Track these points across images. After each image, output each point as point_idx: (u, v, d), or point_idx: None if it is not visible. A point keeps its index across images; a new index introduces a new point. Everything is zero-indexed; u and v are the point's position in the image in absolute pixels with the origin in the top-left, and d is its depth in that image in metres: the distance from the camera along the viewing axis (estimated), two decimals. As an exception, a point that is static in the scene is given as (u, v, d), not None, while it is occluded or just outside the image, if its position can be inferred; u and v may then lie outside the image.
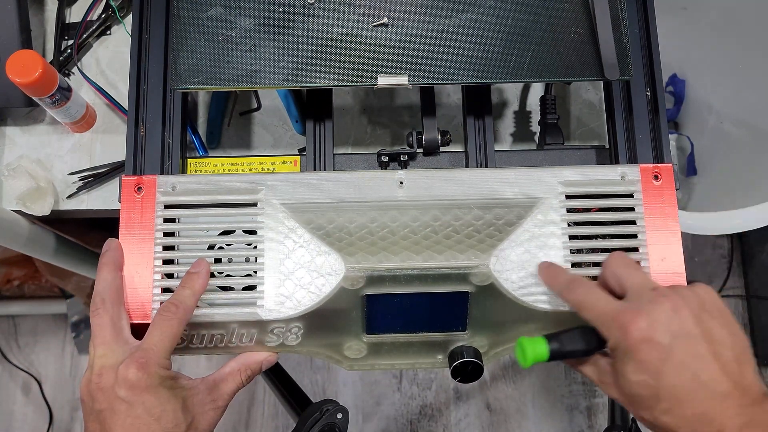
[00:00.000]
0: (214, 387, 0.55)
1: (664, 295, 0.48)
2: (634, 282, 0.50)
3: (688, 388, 0.45)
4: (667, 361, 0.46)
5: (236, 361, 0.57)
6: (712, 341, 0.46)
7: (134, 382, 0.49)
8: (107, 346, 0.52)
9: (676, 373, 0.45)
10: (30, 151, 0.75)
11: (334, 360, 0.61)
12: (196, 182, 0.59)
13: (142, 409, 0.49)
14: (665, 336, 0.46)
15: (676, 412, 0.45)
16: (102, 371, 0.51)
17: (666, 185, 0.60)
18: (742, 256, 1.65)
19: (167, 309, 0.53)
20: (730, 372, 0.46)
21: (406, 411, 1.52)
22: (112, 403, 0.50)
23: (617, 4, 0.60)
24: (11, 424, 1.50)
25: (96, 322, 0.53)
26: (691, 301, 0.48)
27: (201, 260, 0.57)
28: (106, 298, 0.54)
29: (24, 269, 1.41)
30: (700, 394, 0.45)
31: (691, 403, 0.45)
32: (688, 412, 0.45)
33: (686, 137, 1.36)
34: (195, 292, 0.55)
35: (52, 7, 0.79)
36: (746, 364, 0.47)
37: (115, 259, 0.57)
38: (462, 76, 0.59)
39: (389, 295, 0.57)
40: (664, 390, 0.45)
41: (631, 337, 0.46)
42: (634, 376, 0.46)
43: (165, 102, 0.63)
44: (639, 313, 0.47)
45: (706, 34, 1.28)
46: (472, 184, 0.59)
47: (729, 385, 0.45)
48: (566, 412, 1.52)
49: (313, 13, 0.59)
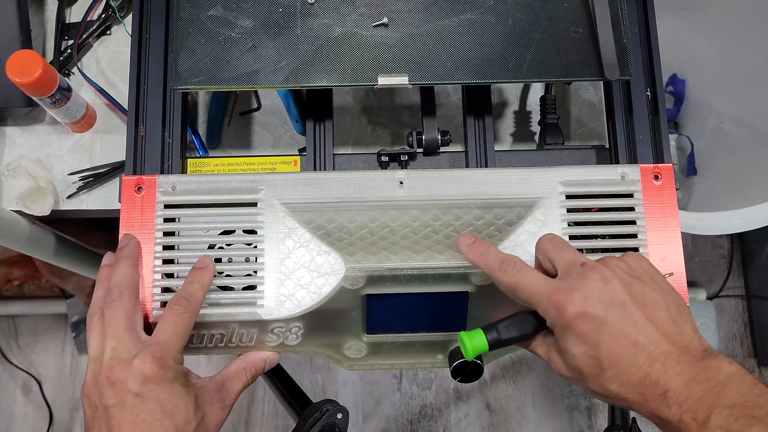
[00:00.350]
0: (222, 386, 0.54)
1: (592, 268, 0.49)
2: (564, 259, 0.52)
3: (628, 354, 0.46)
4: (603, 331, 0.47)
5: (241, 360, 0.57)
6: (644, 305, 0.48)
7: (150, 376, 0.49)
8: (119, 339, 0.51)
9: (614, 341, 0.46)
10: (30, 151, 0.75)
11: (335, 360, 0.61)
12: (197, 182, 0.59)
13: (155, 405, 0.48)
14: (598, 307, 0.47)
15: (622, 379, 0.46)
16: (113, 365, 0.50)
17: (666, 185, 0.60)
18: (742, 256, 1.65)
19: (178, 303, 0.53)
20: (667, 332, 0.47)
21: (406, 411, 1.52)
22: (123, 398, 0.49)
23: (617, 4, 0.60)
24: (11, 424, 1.50)
25: (110, 313, 0.52)
26: (620, 270, 0.49)
27: (205, 257, 0.57)
28: (124, 291, 0.54)
29: (24, 269, 1.41)
30: (641, 358, 0.46)
31: (633, 368, 0.46)
32: (633, 378, 0.46)
33: (686, 137, 1.36)
34: (203, 286, 0.55)
35: (52, 7, 0.79)
36: (683, 324, 0.48)
37: (133, 254, 0.56)
38: (462, 76, 0.59)
39: (389, 294, 0.57)
40: (606, 359, 0.46)
41: (567, 314, 0.47)
42: (575, 350, 0.48)
43: (165, 102, 0.63)
44: (571, 290, 0.48)
45: (706, 34, 1.28)
46: (472, 184, 0.59)
47: (668, 345, 0.46)
48: (566, 412, 1.52)
49: (313, 13, 0.59)
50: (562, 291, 0.48)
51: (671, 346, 0.46)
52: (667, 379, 0.45)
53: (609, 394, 0.47)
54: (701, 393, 0.44)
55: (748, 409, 0.42)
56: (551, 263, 0.53)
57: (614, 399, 0.47)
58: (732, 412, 0.42)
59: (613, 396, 0.47)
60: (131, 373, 0.49)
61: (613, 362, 0.46)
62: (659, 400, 0.45)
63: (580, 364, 0.48)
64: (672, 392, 0.45)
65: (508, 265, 0.52)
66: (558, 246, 0.54)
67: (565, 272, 0.51)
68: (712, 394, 0.44)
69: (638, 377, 0.46)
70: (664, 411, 0.45)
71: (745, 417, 0.42)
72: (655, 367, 0.46)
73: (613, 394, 0.47)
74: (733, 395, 0.43)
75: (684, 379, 0.45)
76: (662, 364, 0.46)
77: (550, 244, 0.54)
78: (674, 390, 0.45)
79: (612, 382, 0.47)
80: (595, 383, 0.48)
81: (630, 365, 0.46)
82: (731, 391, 0.43)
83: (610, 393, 0.47)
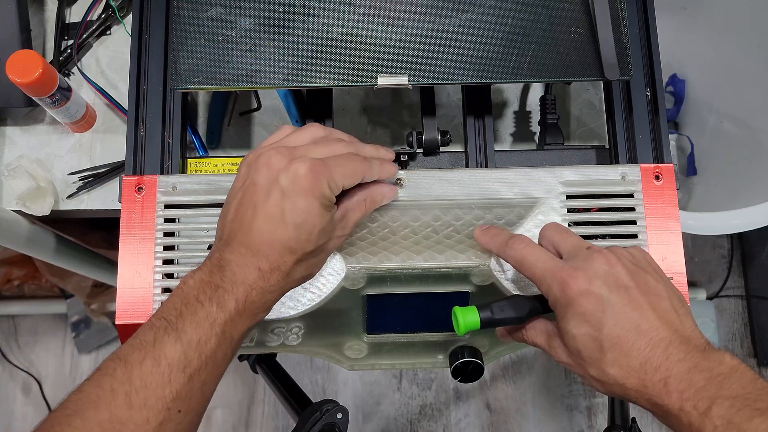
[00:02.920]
0: (344, 215, 0.54)
1: (599, 251, 0.49)
2: (569, 243, 0.52)
3: (630, 338, 0.46)
4: (606, 311, 0.46)
5: (362, 191, 0.56)
6: (648, 293, 0.48)
7: (300, 179, 0.49)
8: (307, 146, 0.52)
9: (616, 322, 0.46)
10: (30, 151, 0.75)
11: (335, 360, 0.61)
12: (197, 182, 0.59)
13: (290, 208, 0.48)
14: (603, 288, 0.47)
15: (623, 363, 0.46)
16: (283, 153, 0.50)
17: (667, 185, 0.60)
18: (742, 256, 1.65)
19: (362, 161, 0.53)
20: (669, 321, 0.47)
21: (406, 411, 1.52)
22: (271, 186, 0.49)
23: (617, 4, 0.60)
24: (11, 424, 1.50)
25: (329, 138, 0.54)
26: (625, 258, 0.49)
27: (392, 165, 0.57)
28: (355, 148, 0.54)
29: (24, 269, 1.41)
30: (642, 342, 0.46)
31: (634, 351, 0.46)
32: (634, 362, 0.45)
33: (686, 137, 1.36)
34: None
35: (52, 7, 0.79)
36: (685, 316, 0.48)
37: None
38: (462, 76, 0.59)
39: (390, 295, 0.57)
40: (608, 340, 0.46)
41: (571, 291, 0.47)
42: (577, 330, 0.47)
43: (165, 102, 0.63)
44: (576, 268, 0.48)
45: (706, 34, 1.28)
46: (472, 184, 0.59)
47: (670, 333, 0.46)
48: (566, 412, 1.52)
49: (313, 13, 0.59)
50: (567, 269, 0.48)
51: (673, 334, 0.46)
52: (669, 365, 0.45)
53: (607, 379, 0.47)
54: (703, 382, 0.43)
55: (750, 402, 0.42)
56: (556, 249, 0.53)
57: (612, 386, 0.47)
58: (734, 403, 0.42)
59: (611, 382, 0.46)
60: (288, 168, 0.49)
61: (615, 344, 0.46)
62: (659, 386, 0.44)
63: (580, 346, 0.47)
64: (673, 379, 0.44)
65: (516, 241, 0.53)
66: (563, 231, 0.54)
67: (570, 255, 0.51)
68: (714, 384, 0.43)
69: (639, 362, 0.45)
70: (663, 398, 0.44)
71: (748, 409, 0.42)
72: (656, 353, 0.45)
73: (612, 380, 0.46)
74: (735, 387, 0.43)
75: (686, 366, 0.44)
76: (664, 351, 0.45)
77: (555, 230, 0.54)
78: (675, 377, 0.44)
79: (612, 366, 0.46)
80: (594, 367, 0.47)
81: (631, 349, 0.46)
82: (733, 383, 0.43)
83: (609, 378, 0.46)
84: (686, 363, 0.44)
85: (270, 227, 0.48)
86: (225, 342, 0.46)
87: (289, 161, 0.49)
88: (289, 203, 0.48)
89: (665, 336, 0.46)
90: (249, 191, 0.50)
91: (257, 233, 0.48)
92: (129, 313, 0.56)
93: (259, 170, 0.50)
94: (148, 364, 0.44)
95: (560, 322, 0.49)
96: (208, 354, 0.45)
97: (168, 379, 0.44)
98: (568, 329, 0.48)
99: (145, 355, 0.44)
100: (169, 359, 0.44)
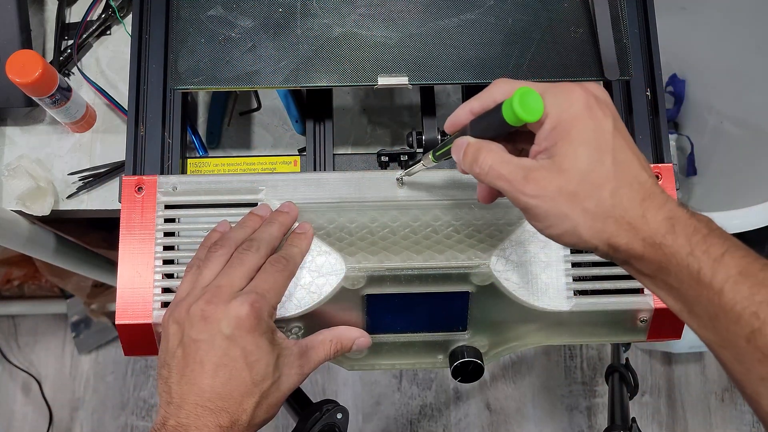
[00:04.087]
0: (305, 352, 0.53)
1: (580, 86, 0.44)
2: None
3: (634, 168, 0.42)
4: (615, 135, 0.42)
5: (330, 331, 0.56)
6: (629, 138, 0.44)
7: (243, 322, 0.48)
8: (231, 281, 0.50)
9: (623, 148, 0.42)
10: (30, 151, 0.75)
11: (335, 360, 0.61)
12: (197, 182, 0.59)
13: (240, 352, 0.48)
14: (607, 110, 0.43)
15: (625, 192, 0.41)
16: (213, 300, 0.49)
17: (666, 185, 0.60)
18: (742, 256, 1.65)
19: (278, 261, 0.53)
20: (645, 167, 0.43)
21: (406, 411, 1.52)
22: (213, 337, 0.48)
23: (617, 4, 0.60)
24: (11, 424, 1.50)
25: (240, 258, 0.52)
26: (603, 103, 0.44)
27: (305, 222, 0.57)
28: (261, 248, 0.53)
29: (24, 269, 1.41)
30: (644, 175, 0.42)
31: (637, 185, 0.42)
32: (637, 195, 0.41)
33: (686, 137, 1.36)
34: (302, 251, 0.55)
35: (52, 7, 0.79)
36: None
37: (288, 223, 0.56)
38: (462, 76, 0.59)
39: (390, 295, 0.57)
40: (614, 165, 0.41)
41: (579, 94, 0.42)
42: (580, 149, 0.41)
43: (165, 102, 0.63)
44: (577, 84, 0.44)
45: (706, 34, 1.28)
46: (472, 183, 0.59)
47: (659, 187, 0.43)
48: (566, 412, 1.52)
49: (313, 13, 0.59)
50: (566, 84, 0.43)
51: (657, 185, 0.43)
52: (673, 206, 0.41)
53: (604, 212, 0.41)
54: (707, 231, 0.40)
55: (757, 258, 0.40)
56: None
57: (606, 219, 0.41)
58: (746, 254, 0.39)
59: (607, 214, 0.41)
60: (227, 314, 0.48)
61: (620, 171, 0.41)
62: (665, 225, 0.40)
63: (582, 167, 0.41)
64: (680, 220, 0.40)
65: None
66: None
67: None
68: (720, 235, 0.40)
69: (642, 195, 0.41)
70: (668, 238, 0.40)
71: (759, 262, 0.39)
72: (659, 190, 0.42)
73: (609, 211, 0.41)
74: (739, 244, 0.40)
75: (688, 212, 0.41)
76: (663, 192, 0.42)
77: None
78: (682, 219, 0.40)
79: (614, 194, 0.41)
80: (591, 199, 0.41)
81: (635, 179, 0.41)
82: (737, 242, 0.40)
83: (606, 208, 0.41)
84: (687, 210, 0.41)
85: (224, 379, 0.48)
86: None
87: (225, 307, 0.49)
88: (238, 349, 0.48)
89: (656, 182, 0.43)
90: (191, 349, 0.48)
91: (211, 389, 0.47)
92: (129, 313, 0.56)
93: (194, 326, 0.49)
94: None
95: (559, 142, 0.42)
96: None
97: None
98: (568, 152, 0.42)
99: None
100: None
